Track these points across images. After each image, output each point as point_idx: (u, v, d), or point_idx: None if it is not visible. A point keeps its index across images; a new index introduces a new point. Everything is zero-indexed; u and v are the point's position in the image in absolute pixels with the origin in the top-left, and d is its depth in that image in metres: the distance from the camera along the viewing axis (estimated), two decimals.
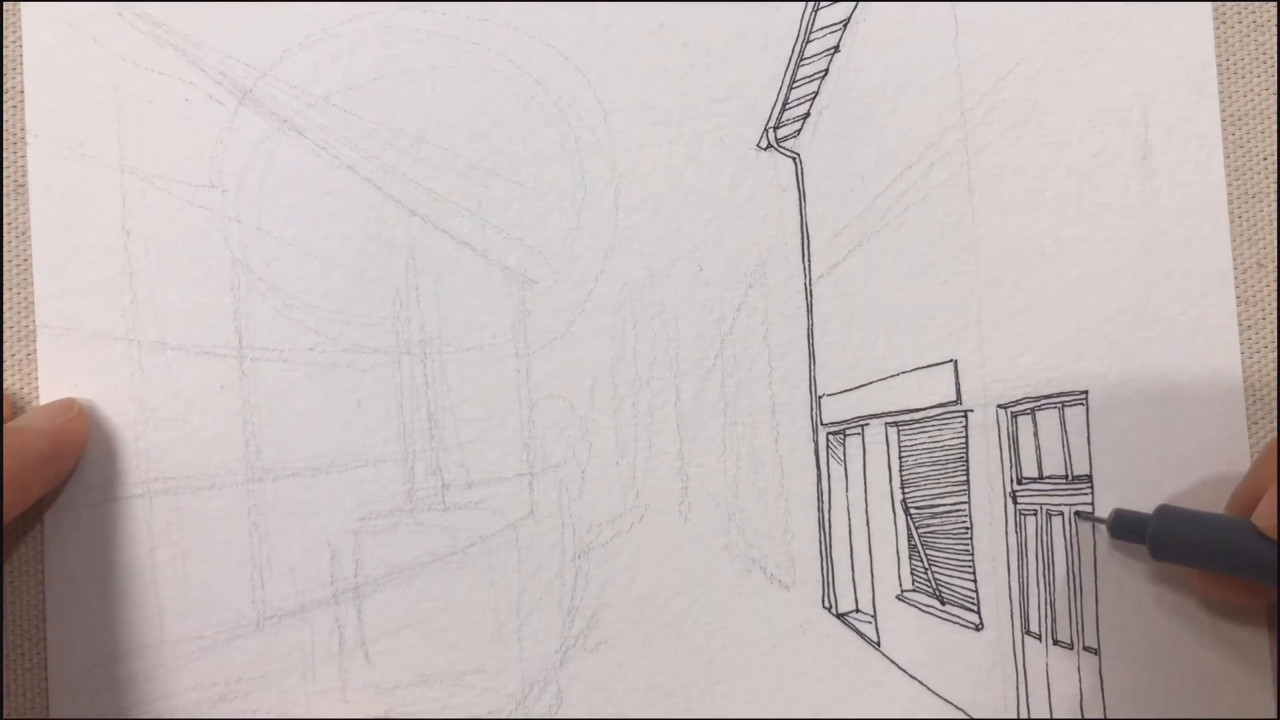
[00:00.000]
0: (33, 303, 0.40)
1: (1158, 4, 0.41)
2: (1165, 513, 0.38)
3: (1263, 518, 0.35)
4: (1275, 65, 0.41)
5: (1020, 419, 0.41)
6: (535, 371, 0.41)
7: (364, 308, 0.41)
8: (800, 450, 0.41)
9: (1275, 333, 0.40)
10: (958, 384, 0.41)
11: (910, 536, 0.42)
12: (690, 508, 0.41)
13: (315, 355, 0.40)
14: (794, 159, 0.41)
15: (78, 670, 0.39)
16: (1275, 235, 0.41)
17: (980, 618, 0.41)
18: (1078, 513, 0.40)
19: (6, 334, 0.40)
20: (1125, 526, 0.39)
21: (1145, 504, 0.40)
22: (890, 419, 0.42)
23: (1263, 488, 0.36)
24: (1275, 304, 0.41)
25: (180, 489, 0.40)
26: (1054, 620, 0.41)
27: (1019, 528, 0.41)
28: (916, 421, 0.42)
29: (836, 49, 0.41)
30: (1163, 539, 0.37)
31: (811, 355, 0.41)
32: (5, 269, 0.40)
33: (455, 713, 0.40)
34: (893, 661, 0.41)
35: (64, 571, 0.39)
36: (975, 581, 0.41)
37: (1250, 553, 0.36)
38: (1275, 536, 0.35)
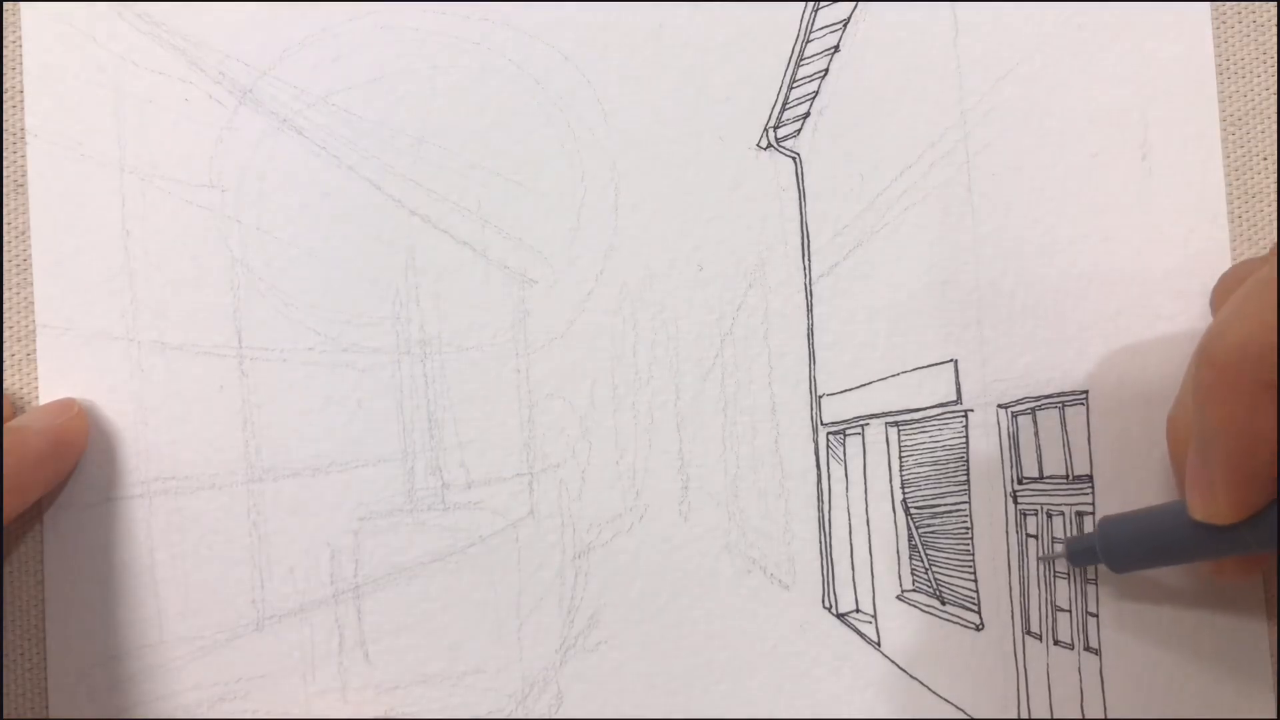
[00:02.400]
0: (33, 303, 0.40)
1: (1157, 4, 0.41)
2: (1107, 524, 0.37)
3: (1197, 510, 0.33)
4: (1275, 65, 0.41)
5: (1020, 419, 0.41)
6: (535, 371, 0.41)
7: (364, 308, 0.41)
8: (800, 450, 0.41)
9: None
10: (958, 384, 0.41)
11: (910, 536, 0.42)
12: (690, 508, 0.41)
13: (315, 355, 0.40)
14: (794, 159, 0.41)
15: (78, 670, 0.39)
16: (1275, 235, 0.41)
17: (980, 618, 0.41)
18: (1040, 557, 0.40)
19: (6, 334, 0.40)
20: (1081, 553, 0.38)
21: (1145, 506, 0.40)
22: (890, 419, 0.42)
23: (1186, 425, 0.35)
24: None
25: (180, 489, 0.40)
26: (1054, 620, 0.41)
27: (1019, 527, 0.41)
28: (916, 421, 0.42)
29: (836, 49, 0.41)
30: (1115, 552, 0.37)
31: (811, 355, 0.41)
32: (5, 269, 0.40)
33: (455, 713, 0.40)
34: (893, 661, 0.41)
35: (64, 571, 0.39)
36: (975, 581, 0.41)
37: (1205, 536, 0.34)
38: (1216, 520, 0.33)
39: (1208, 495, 0.33)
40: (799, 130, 0.41)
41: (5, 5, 0.40)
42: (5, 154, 0.40)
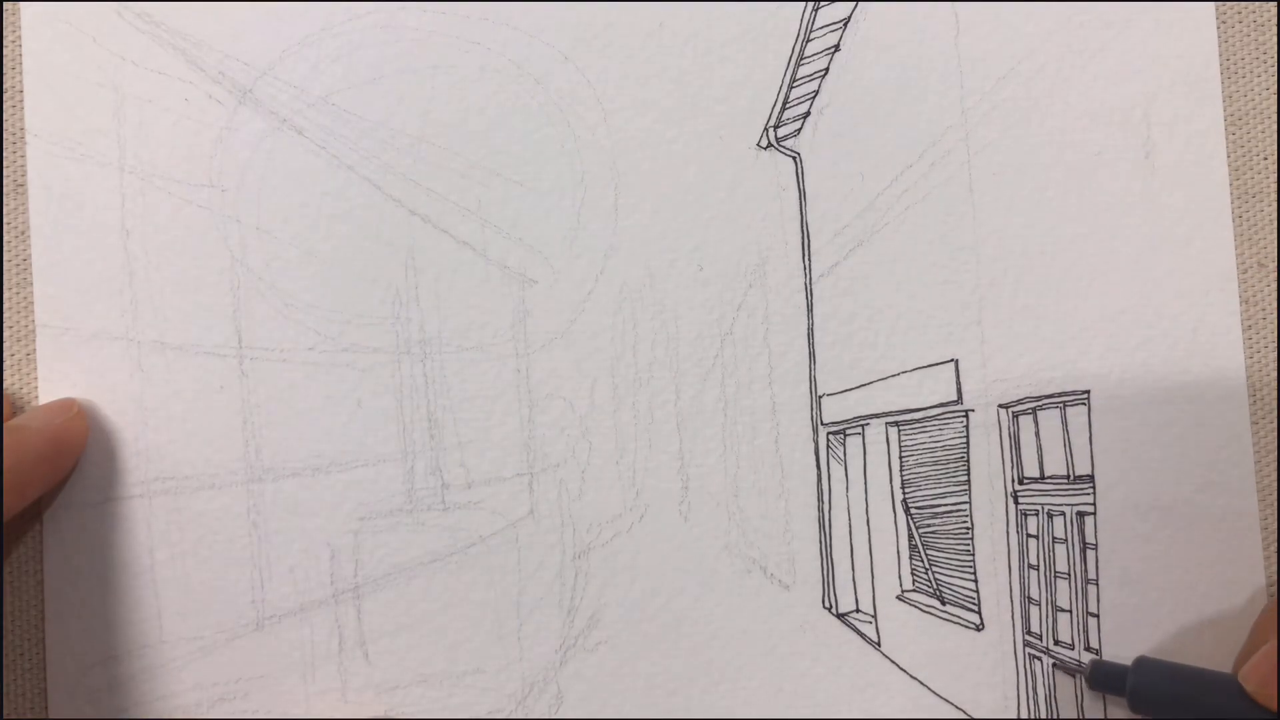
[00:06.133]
0: (32, 303, 0.40)
1: (1160, 3, 0.41)
2: (1144, 666, 0.37)
3: (1251, 680, 0.34)
4: (1277, 65, 0.41)
5: (1021, 419, 0.41)
6: (535, 371, 0.41)
7: (364, 308, 0.41)
8: (800, 450, 0.41)
9: (1276, 332, 0.40)
10: (958, 383, 0.41)
11: (910, 536, 0.42)
12: (690, 508, 0.41)
13: (315, 355, 0.40)
14: (794, 159, 0.41)
15: (77, 670, 0.39)
16: (1276, 235, 0.41)
17: (980, 618, 0.41)
18: (1055, 664, 0.40)
19: (6, 334, 0.40)
20: (1103, 678, 0.38)
21: (1146, 506, 0.40)
22: (891, 419, 0.42)
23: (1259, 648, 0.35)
24: (1276, 304, 0.40)
25: (180, 489, 0.40)
26: (1054, 620, 0.40)
27: (1020, 527, 0.41)
28: (917, 421, 0.42)
29: (837, 48, 0.41)
30: (1142, 693, 0.37)
31: (811, 355, 0.41)
32: (5, 269, 0.40)
33: (455, 713, 0.40)
34: (893, 661, 0.41)
35: (64, 571, 0.39)
36: (976, 581, 0.41)
37: (1238, 714, 0.34)
38: (1269, 704, 0.33)
39: None
40: (799, 130, 0.41)
41: (5, 5, 0.40)
42: (5, 154, 0.40)
